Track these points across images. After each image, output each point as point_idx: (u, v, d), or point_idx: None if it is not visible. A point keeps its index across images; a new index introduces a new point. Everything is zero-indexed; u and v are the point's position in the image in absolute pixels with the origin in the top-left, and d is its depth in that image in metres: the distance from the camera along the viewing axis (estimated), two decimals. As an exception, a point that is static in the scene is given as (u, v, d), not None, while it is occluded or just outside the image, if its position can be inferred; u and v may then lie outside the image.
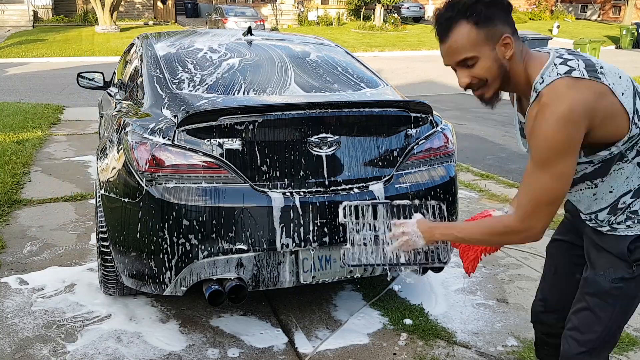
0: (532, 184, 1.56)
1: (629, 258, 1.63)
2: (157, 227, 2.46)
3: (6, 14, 24.78)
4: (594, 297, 1.70)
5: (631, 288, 1.67)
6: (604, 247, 1.69)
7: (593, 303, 1.71)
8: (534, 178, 1.55)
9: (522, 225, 1.58)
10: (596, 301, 1.70)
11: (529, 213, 1.56)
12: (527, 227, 1.57)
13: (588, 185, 1.66)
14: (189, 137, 2.49)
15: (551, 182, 1.52)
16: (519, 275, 3.48)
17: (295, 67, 3.20)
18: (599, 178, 1.62)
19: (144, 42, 3.60)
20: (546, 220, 1.56)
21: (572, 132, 1.46)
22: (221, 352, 2.66)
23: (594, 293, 1.70)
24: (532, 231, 1.57)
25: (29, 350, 2.62)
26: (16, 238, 3.83)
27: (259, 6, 29.13)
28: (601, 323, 1.70)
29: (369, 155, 2.68)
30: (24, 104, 9.00)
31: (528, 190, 1.58)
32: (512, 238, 1.68)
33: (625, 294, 1.67)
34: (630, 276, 1.64)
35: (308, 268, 2.58)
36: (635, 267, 1.64)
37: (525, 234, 1.59)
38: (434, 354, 2.67)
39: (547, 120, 1.47)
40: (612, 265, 1.66)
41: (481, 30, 1.51)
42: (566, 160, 1.50)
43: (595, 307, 1.70)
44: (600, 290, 1.68)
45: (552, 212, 1.56)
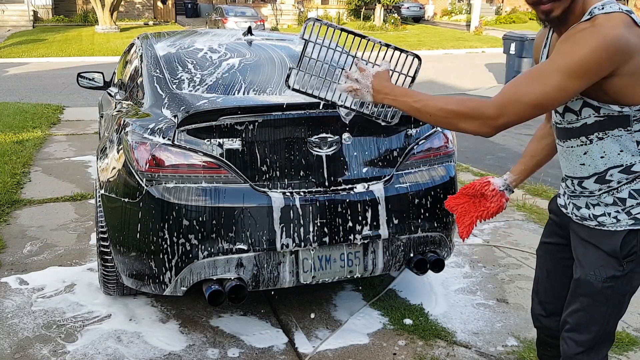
0: (529, 79, 1.53)
1: (619, 255, 1.63)
2: (157, 227, 2.46)
3: (6, 14, 24.78)
4: (587, 298, 1.70)
5: (623, 285, 1.67)
6: (592, 242, 1.68)
7: (586, 304, 1.71)
8: (536, 74, 1.52)
9: (492, 111, 1.53)
10: (589, 301, 1.70)
11: (506, 101, 1.52)
12: (494, 115, 1.52)
13: (582, 141, 1.63)
14: (189, 137, 2.49)
15: (547, 86, 1.49)
16: (519, 275, 3.48)
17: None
18: (595, 133, 1.60)
19: (144, 42, 3.60)
20: (512, 119, 1.53)
21: (603, 61, 1.44)
22: (221, 352, 2.66)
23: (586, 294, 1.70)
24: (493, 122, 1.53)
25: (29, 350, 2.62)
26: (16, 238, 3.83)
27: (259, 6, 29.13)
28: (596, 322, 1.71)
29: (369, 155, 2.68)
30: (24, 104, 8.99)
31: (520, 83, 1.54)
32: (471, 122, 1.57)
33: (617, 292, 1.67)
34: (621, 274, 1.64)
35: (308, 268, 2.59)
36: (625, 264, 1.64)
37: (487, 121, 1.54)
38: (434, 354, 2.67)
39: (590, 36, 1.45)
40: (602, 263, 1.66)
41: None
42: (575, 81, 1.47)
43: (589, 307, 1.70)
44: (593, 291, 1.68)
45: (523, 115, 1.52)
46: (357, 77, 1.74)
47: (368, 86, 1.72)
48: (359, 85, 1.73)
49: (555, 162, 1.90)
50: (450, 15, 33.46)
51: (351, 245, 2.62)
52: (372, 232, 2.61)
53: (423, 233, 2.75)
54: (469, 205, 2.03)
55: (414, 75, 1.91)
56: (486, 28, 27.00)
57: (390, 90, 1.70)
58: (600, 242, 1.67)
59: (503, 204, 1.99)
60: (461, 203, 2.05)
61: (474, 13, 26.77)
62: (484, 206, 1.99)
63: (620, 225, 1.63)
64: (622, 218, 1.63)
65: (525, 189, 5.13)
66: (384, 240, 2.68)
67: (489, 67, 15.25)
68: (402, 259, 2.75)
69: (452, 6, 34.05)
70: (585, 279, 1.70)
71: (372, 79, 1.72)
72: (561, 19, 1.56)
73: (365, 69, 1.75)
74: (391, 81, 1.76)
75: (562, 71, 1.48)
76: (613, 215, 1.64)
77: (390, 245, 2.70)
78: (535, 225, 4.27)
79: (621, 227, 1.63)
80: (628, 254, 1.63)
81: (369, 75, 1.73)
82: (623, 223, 1.63)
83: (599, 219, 1.66)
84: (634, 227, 1.62)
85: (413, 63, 1.89)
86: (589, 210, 1.69)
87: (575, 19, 1.55)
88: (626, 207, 1.62)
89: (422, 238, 2.76)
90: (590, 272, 1.68)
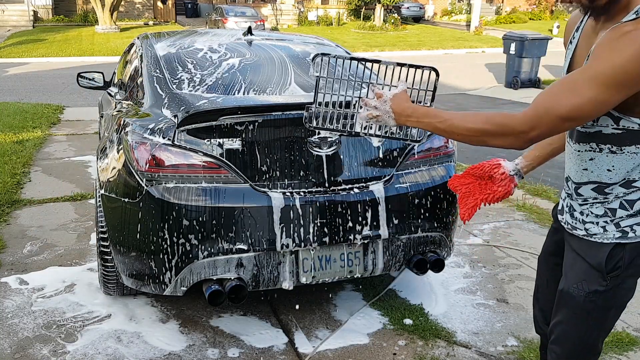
0: (563, 89, 1.40)
1: (604, 269, 1.57)
2: (157, 227, 2.46)
3: (6, 14, 24.78)
4: (568, 310, 1.66)
5: (607, 300, 1.61)
6: (579, 253, 1.64)
7: (567, 316, 1.67)
8: (570, 83, 1.39)
9: (523, 126, 1.42)
10: (570, 315, 1.66)
11: (537, 115, 1.41)
12: (525, 129, 1.43)
13: (592, 147, 1.54)
14: (189, 137, 2.49)
15: (582, 98, 1.36)
16: (519, 275, 3.47)
17: (295, 67, 3.20)
18: (608, 145, 1.50)
19: (144, 42, 3.60)
20: (545, 133, 1.44)
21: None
22: (221, 352, 2.66)
23: (567, 306, 1.66)
24: (525, 136, 1.44)
25: (29, 350, 2.62)
26: (16, 238, 3.83)
27: (259, 6, 29.12)
28: (577, 336, 1.67)
29: (369, 155, 2.68)
30: (24, 104, 8.99)
31: (552, 93, 1.42)
32: (502, 138, 1.48)
33: (599, 307, 1.62)
34: (604, 289, 1.58)
35: (308, 268, 2.59)
36: (609, 279, 1.58)
37: (519, 136, 1.45)
38: (434, 354, 2.67)
39: (634, 40, 1.32)
40: (586, 276, 1.61)
41: None
42: (613, 92, 1.34)
43: (570, 320, 1.67)
44: (574, 304, 1.64)
45: (556, 128, 1.43)
46: (375, 103, 1.67)
47: (388, 111, 1.64)
48: (379, 112, 1.66)
49: (555, 162, 1.89)
50: (450, 15, 33.46)
51: (351, 245, 2.62)
52: (372, 232, 2.61)
53: (423, 233, 2.75)
54: (474, 187, 1.93)
55: (433, 91, 1.81)
56: (486, 28, 27.00)
57: (412, 111, 1.62)
58: (586, 253, 1.61)
59: (511, 189, 1.90)
60: (466, 183, 1.94)
61: (474, 13, 26.77)
62: (490, 189, 1.90)
63: (607, 237, 1.57)
64: (610, 229, 1.57)
65: (525, 189, 5.13)
66: (384, 240, 2.68)
67: (489, 67, 15.25)
68: (402, 259, 2.75)
69: (452, 6, 34.05)
70: (567, 291, 1.66)
71: (391, 103, 1.64)
72: (605, 9, 1.44)
73: (382, 93, 1.67)
74: (410, 100, 1.68)
75: (599, 81, 1.34)
76: (601, 225, 1.58)
77: (390, 245, 2.70)
78: (535, 225, 4.27)
79: (607, 239, 1.57)
80: (613, 269, 1.57)
81: (386, 100, 1.65)
82: (610, 235, 1.57)
83: (587, 226, 1.61)
84: (621, 241, 1.56)
85: (430, 77, 1.81)
86: (582, 216, 1.63)
87: (619, 12, 1.43)
88: (615, 218, 1.56)
89: (422, 238, 2.76)
90: (573, 284, 1.64)
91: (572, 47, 1.58)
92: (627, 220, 1.55)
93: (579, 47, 1.55)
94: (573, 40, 1.59)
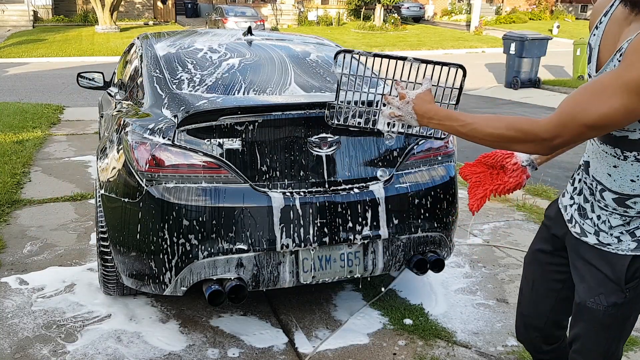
0: (590, 95, 1.33)
1: (622, 281, 1.52)
2: (157, 227, 2.46)
3: (6, 14, 24.78)
4: (587, 324, 1.63)
5: (626, 311, 1.57)
6: (593, 263, 1.57)
7: (587, 330, 1.64)
8: (598, 89, 1.32)
9: (547, 133, 1.37)
10: (590, 328, 1.63)
11: (562, 122, 1.35)
12: (549, 137, 1.37)
13: (616, 153, 1.46)
14: (189, 137, 2.49)
15: (609, 106, 1.29)
16: (519, 275, 3.44)
17: (295, 67, 3.20)
18: (635, 152, 1.43)
19: (144, 42, 3.60)
20: (569, 140, 1.37)
21: None
22: (221, 352, 2.66)
23: (586, 320, 1.63)
24: (549, 143, 1.38)
25: (29, 350, 2.62)
26: (16, 238, 3.83)
27: (259, 6, 29.13)
28: (599, 348, 1.65)
29: (369, 155, 2.68)
30: (24, 104, 8.99)
31: (579, 99, 1.35)
32: (525, 144, 1.42)
33: (619, 318, 1.59)
34: (623, 301, 1.54)
35: (308, 268, 2.59)
36: (628, 290, 1.53)
37: (542, 143, 1.39)
38: (434, 354, 2.67)
39: None
40: (603, 289, 1.55)
41: None
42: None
43: (590, 333, 1.64)
44: (592, 318, 1.60)
45: (581, 136, 1.37)
46: (398, 104, 1.62)
47: (410, 112, 1.59)
48: (402, 112, 1.61)
49: (555, 162, 1.89)
50: (450, 15, 33.46)
51: (351, 245, 2.63)
52: (372, 232, 2.61)
53: (423, 233, 2.75)
54: (485, 177, 1.88)
55: (459, 90, 1.75)
56: (486, 28, 27.00)
57: (434, 113, 1.56)
58: (600, 264, 1.55)
59: (523, 181, 1.84)
60: (477, 172, 1.89)
61: (474, 13, 26.78)
62: (501, 180, 1.85)
63: (622, 248, 1.51)
64: (624, 239, 1.51)
65: (525, 189, 5.13)
66: (384, 240, 2.68)
67: (489, 67, 15.25)
68: (402, 259, 2.75)
69: (452, 6, 34.05)
70: (585, 306, 1.61)
71: (414, 105, 1.59)
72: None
73: (405, 94, 1.61)
74: (434, 101, 1.62)
75: (631, 89, 1.26)
76: (615, 235, 1.52)
77: (390, 245, 2.70)
78: (535, 225, 4.27)
79: (623, 250, 1.51)
80: (631, 279, 1.52)
81: (409, 101, 1.60)
82: (625, 246, 1.51)
83: (600, 235, 1.55)
84: (638, 253, 1.50)
85: (457, 75, 1.73)
86: (598, 220, 1.56)
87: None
88: (631, 227, 1.50)
89: (422, 238, 2.76)
90: (591, 299, 1.58)
91: (598, 32, 1.48)
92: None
93: (607, 33, 1.45)
94: (600, 26, 1.48)
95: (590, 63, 1.49)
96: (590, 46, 1.49)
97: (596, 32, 1.48)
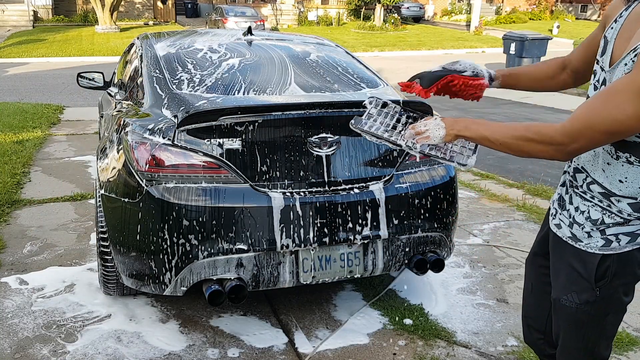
0: (606, 101, 1.32)
1: (593, 279, 1.53)
2: (157, 227, 2.46)
3: (6, 14, 24.78)
4: (563, 322, 1.65)
5: (599, 309, 1.57)
6: (566, 259, 1.60)
7: (564, 327, 1.65)
8: (614, 95, 1.30)
9: (563, 138, 1.37)
10: (565, 326, 1.64)
11: (577, 128, 1.36)
12: (565, 142, 1.38)
13: (611, 152, 1.47)
14: (189, 137, 2.49)
15: (625, 113, 1.28)
16: (519, 275, 3.47)
17: (295, 67, 3.20)
18: (627, 154, 1.43)
19: (144, 42, 3.60)
20: (586, 146, 1.38)
21: None
22: (221, 352, 2.66)
23: (562, 318, 1.64)
24: (565, 148, 1.39)
25: (29, 350, 2.62)
26: (16, 238, 3.83)
27: (259, 6, 29.13)
28: (576, 347, 1.66)
29: (369, 155, 2.68)
30: (24, 104, 9.00)
31: (594, 106, 1.34)
32: (543, 148, 1.42)
33: (594, 315, 1.59)
34: (594, 299, 1.55)
35: (308, 268, 2.59)
36: (598, 289, 1.54)
37: (559, 148, 1.39)
38: (434, 354, 2.67)
39: None
40: (575, 287, 1.57)
41: None
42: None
43: (567, 331, 1.65)
44: (567, 315, 1.62)
45: (598, 142, 1.37)
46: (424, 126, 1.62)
47: (439, 123, 1.60)
48: (428, 126, 1.60)
49: (556, 162, 1.89)
50: (450, 15, 33.47)
51: (351, 245, 2.63)
52: (372, 232, 2.61)
53: (423, 233, 2.75)
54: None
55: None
56: (486, 28, 27.01)
57: (462, 119, 1.58)
58: (574, 261, 1.57)
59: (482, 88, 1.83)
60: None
61: (474, 13, 26.78)
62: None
63: (591, 245, 1.53)
64: (594, 236, 1.53)
65: (525, 189, 5.14)
66: (383, 240, 2.68)
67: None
68: (402, 259, 2.75)
69: (452, 6, 34.05)
70: (559, 301, 1.63)
71: (442, 117, 1.62)
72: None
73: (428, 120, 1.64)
74: None
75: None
76: (587, 230, 1.54)
77: (390, 245, 2.70)
78: (535, 226, 4.27)
79: (592, 248, 1.53)
80: (602, 277, 1.53)
81: (437, 118, 1.63)
82: (593, 243, 1.53)
83: (574, 227, 1.56)
84: (605, 252, 1.51)
85: None
86: (575, 212, 1.57)
87: None
88: (603, 226, 1.52)
89: (422, 238, 2.76)
90: (564, 295, 1.61)
91: (617, 26, 1.47)
92: (613, 228, 1.51)
93: (625, 27, 1.44)
94: (619, 19, 1.47)
95: (604, 55, 1.49)
96: (606, 38, 1.49)
97: (614, 25, 1.48)
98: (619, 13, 1.49)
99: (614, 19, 1.49)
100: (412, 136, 1.64)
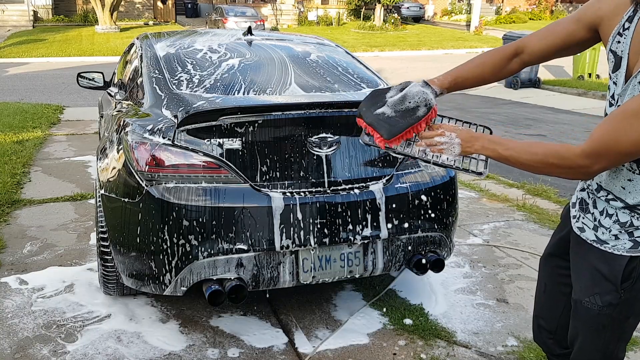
0: (628, 121, 1.29)
1: (618, 281, 1.51)
2: (157, 227, 2.46)
3: (6, 14, 24.79)
4: (583, 324, 1.62)
5: (621, 311, 1.55)
6: (589, 261, 1.57)
7: (583, 330, 1.63)
8: (630, 118, 1.28)
9: (585, 161, 1.36)
10: (585, 328, 1.62)
11: (597, 150, 1.34)
12: (587, 164, 1.36)
13: (632, 168, 1.44)
14: (189, 137, 2.49)
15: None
16: (519, 275, 3.47)
17: (295, 67, 3.20)
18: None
19: (143, 42, 3.60)
20: (609, 166, 1.38)
21: None
22: (221, 352, 2.66)
23: (582, 319, 1.62)
24: (587, 169, 1.38)
25: (29, 350, 2.62)
26: (16, 238, 3.83)
27: (259, 6, 29.13)
28: (598, 348, 1.64)
29: (369, 155, 2.68)
30: (24, 104, 9.00)
31: (615, 126, 1.31)
32: (564, 170, 1.41)
33: (616, 318, 1.56)
34: (618, 301, 1.53)
35: (308, 268, 2.58)
36: (622, 291, 1.52)
37: (581, 170, 1.38)
38: (434, 354, 2.67)
39: None
40: (598, 288, 1.55)
41: None
42: None
43: (588, 334, 1.63)
44: (588, 318, 1.59)
45: (621, 162, 1.38)
46: (439, 136, 1.59)
47: (453, 138, 1.56)
48: (444, 139, 1.58)
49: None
50: (450, 15, 33.48)
51: (351, 245, 2.63)
52: (372, 232, 2.61)
53: (423, 233, 2.75)
54: None
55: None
56: (486, 28, 27.02)
57: (479, 137, 1.55)
58: (597, 263, 1.55)
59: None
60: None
61: (474, 13, 26.79)
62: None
63: (618, 247, 1.50)
64: (622, 237, 1.50)
65: (526, 189, 5.14)
66: (383, 240, 2.68)
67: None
68: (402, 259, 2.75)
69: (452, 6, 34.06)
70: (580, 303, 1.60)
71: (458, 132, 1.58)
72: None
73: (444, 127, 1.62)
74: None
75: None
76: (614, 232, 1.51)
77: (390, 245, 2.70)
78: (536, 226, 4.27)
79: (619, 250, 1.50)
80: (627, 279, 1.51)
81: (451, 130, 1.59)
82: (620, 245, 1.50)
83: (599, 231, 1.54)
84: (634, 254, 1.49)
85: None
86: (600, 216, 1.54)
87: None
88: (630, 227, 1.49)
89: (422, 238, 2.76)
90: (585, 297, 1.59)
91: (625, 40, 1.42)
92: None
93: (636, 40, 1.40)
94: (626, 32, 1.42)
95: (618, 71, 1.45)
96: (615, 53, 1.44)
97: (621, 39, 1.43)
98: (621, 20, 1.43)
99: (617, 30, 1.43)
100: (424, 146, 1.60)
